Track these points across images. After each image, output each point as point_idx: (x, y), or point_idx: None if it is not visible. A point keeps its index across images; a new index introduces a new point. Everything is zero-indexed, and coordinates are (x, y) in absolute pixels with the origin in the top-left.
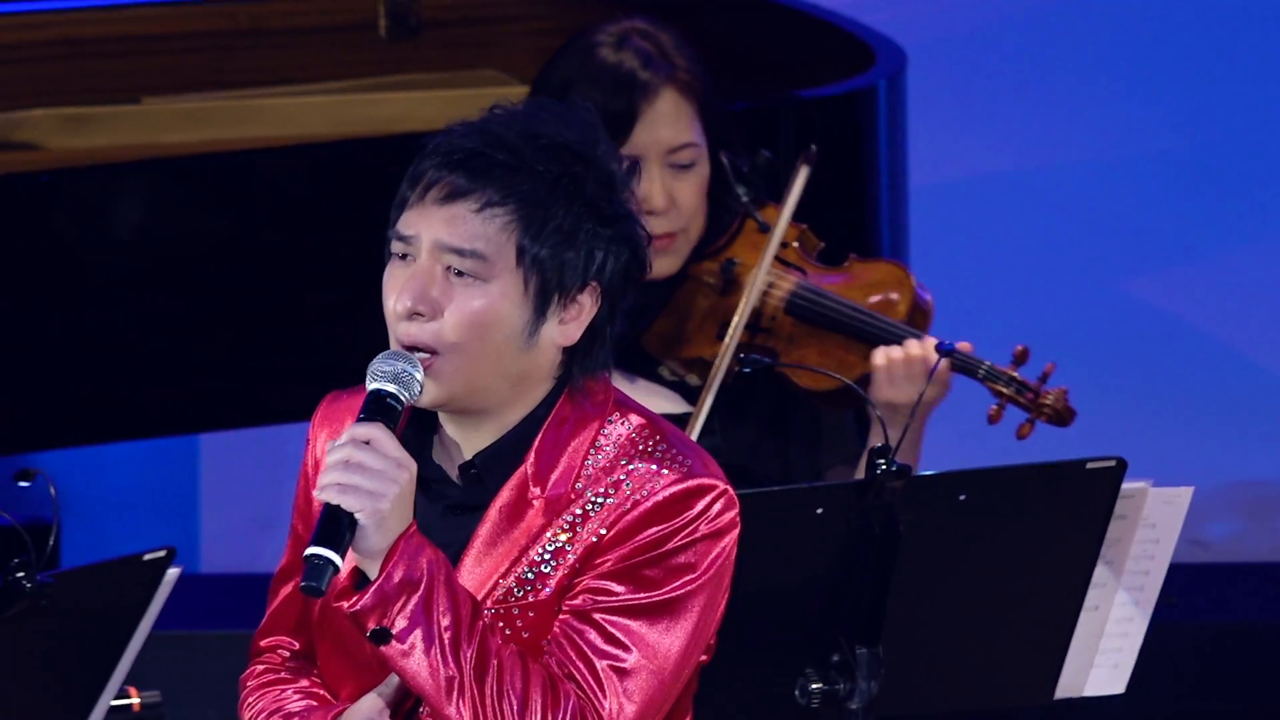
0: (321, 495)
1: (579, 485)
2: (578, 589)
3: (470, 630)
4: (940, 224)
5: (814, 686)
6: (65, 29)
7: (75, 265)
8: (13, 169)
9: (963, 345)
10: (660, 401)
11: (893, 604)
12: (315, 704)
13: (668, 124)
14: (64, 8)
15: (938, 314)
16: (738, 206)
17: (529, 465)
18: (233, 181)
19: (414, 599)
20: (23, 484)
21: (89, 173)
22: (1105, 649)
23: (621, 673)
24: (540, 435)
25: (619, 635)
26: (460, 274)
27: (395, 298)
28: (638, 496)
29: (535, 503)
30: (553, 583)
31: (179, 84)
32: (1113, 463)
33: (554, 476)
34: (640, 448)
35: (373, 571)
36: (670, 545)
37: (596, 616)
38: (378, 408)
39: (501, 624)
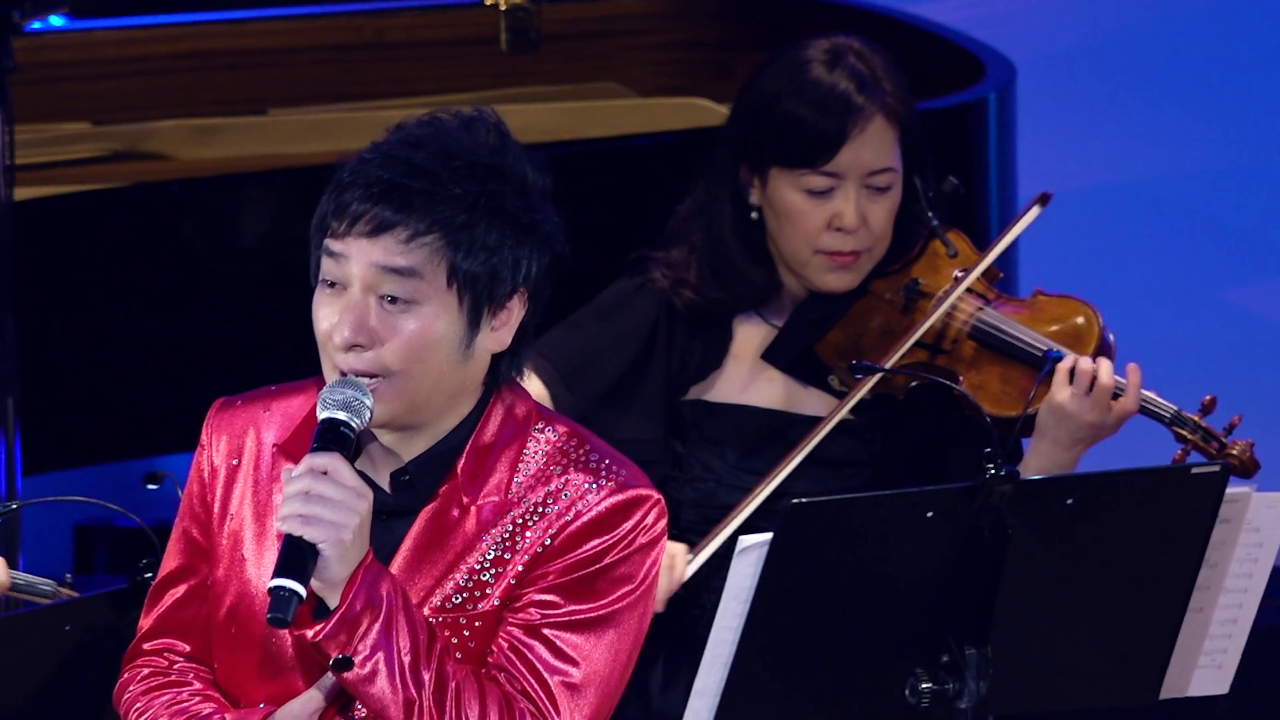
0: (284, 526)
1: (512, 494)
2: (523, 601)
3: (428, 654)
4: (1048, 233)
5: (924, 686)
6: (195, 42)
7: (202, 271)
8: (143, 178)
9: (1146, 393)
10: (825, 411)
11: (1001, 605)
12: (217, 707)
13: (871, 148)
14: (194, 21)
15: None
16: (924, 230)
17: (459, 473)
18: None
19: (375, 626)
20: (151, 486)
21: (216, 182)
22: (1209, 650)
23: (572, 688)
24: (470, 444)
25: (567, 650)
26: (394, 300)
27: (332, 329)
28: (579, 508)
29: (469, 510)
30: (496, 592)
31: (304, 96)
32: (1217, 468)
33: (487, 485)
34: (572, 456)
35: (333, 600)
36: (610, 558)
37: (545, 632)
38: (332, 436)
39: (448, 633)
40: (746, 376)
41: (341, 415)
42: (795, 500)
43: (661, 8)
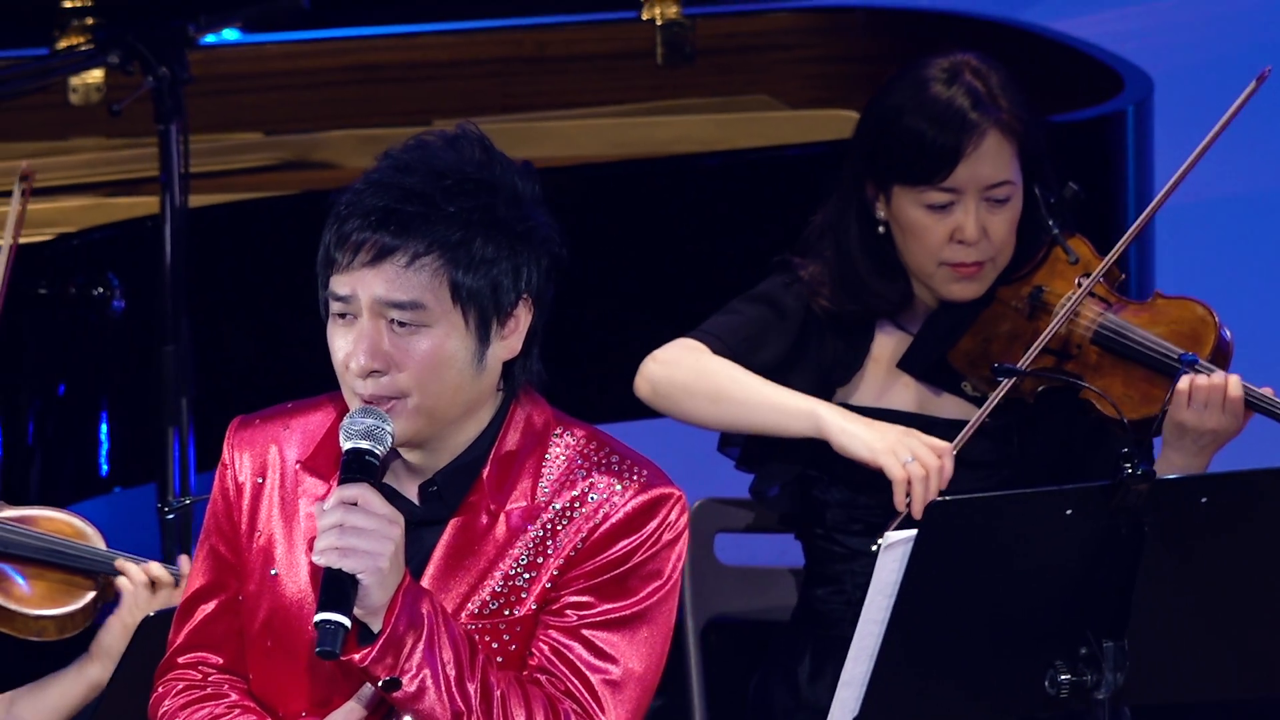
0: (321, 560)
1: (539, 499)
2: (559, 605)
3: (471, 666)
4: (1186, 243)
5: (1063, 677)
6: (362, 55)
7: None
8: (313, 186)
9: (1265, 390)
10: (962, 414)
11: (1137, 600)
12: (256, 719)
13: (988, 163)
14: (361, 36)
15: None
16: (1046, 237)
17: (485, 481)
18: None
19: (419, 645)
20: None
21: None
22: None
23: (613, 684)
24: (493, 453)
25: (605, 649)
26: (404, 324)
27: (350, 358)
28: (605, 510)
29: (497, 517)
30: (531, 596)
31: (467, 107)
32: None
33: (513, 492)
34: (594, 460)
35: (375, 624)
36: (639, 557)
37: (583, 632)
38: (358, 466)
39: (488, 638)
40: (885, 381)
41: (365, 444)
42: (938, 499)
43: (812, 23)
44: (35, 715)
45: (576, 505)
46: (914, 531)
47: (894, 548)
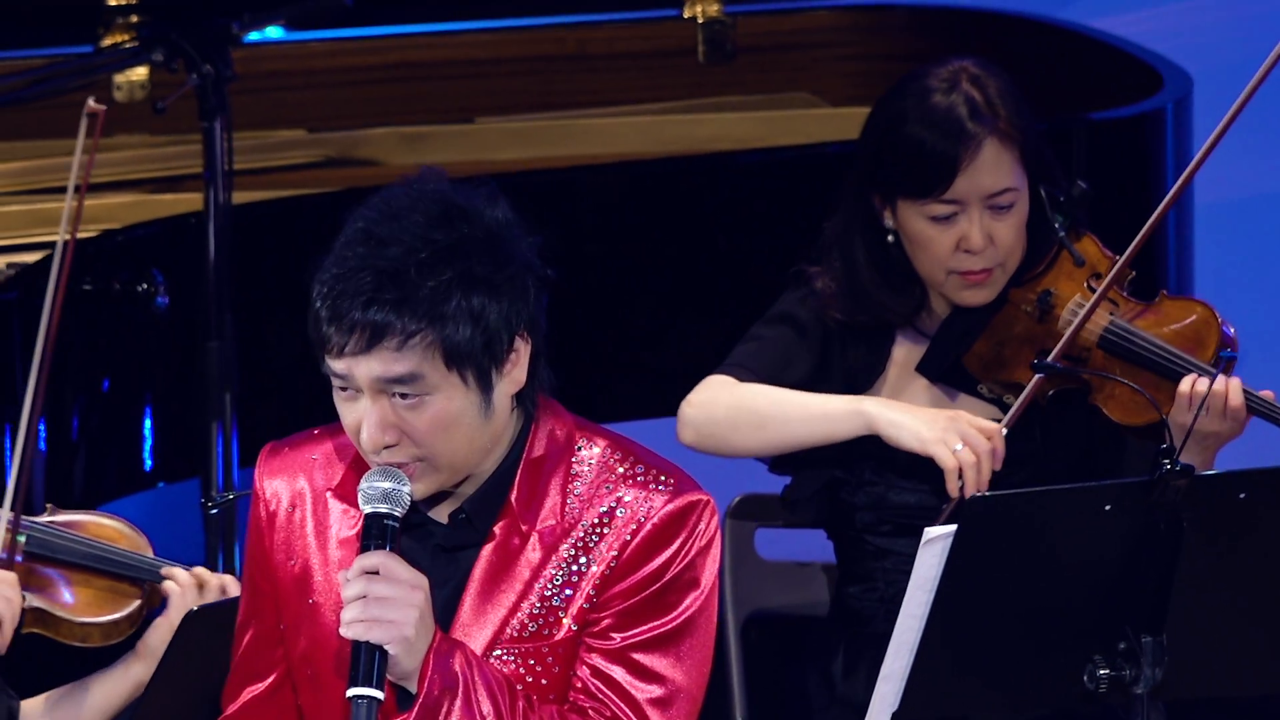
0: (347, 633)
1: (568, 516)
2: (599, 628)
3: (511, 712)
4: (1224, 241)
5: (1101, 672)
6: (404, 53)
7: None
8: (355, 183)
9: (1265, 393)
10: (982, 414)
11: (1176, 595)
12: None
13: (988, 172)
14: (404, 34)
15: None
16: (1054, 237)
17: (514, 504)
18: (559, 197)
19: (456, 703)
20: None
21: None
22: None
23: (661, 703)
24: (519, 474)
25: (651, 668)
26: (406, 396)
27: (363, 436)
28: (637, 521)
29: (529, 537)
30: (569, 617)
31: (509, 105)
32: None
33: (542, 511)
34: (619, 473)
35: (411, 686)
36: (675, 569)
37: (628, 655)
38: (377, 531)
39: (532, 661)
40: (910, 386)
41: (383, 508)
42: (978, 494)
43: (852, 21)
44: (77, 714)
45: (606, 520)
46: (954, 527)
47: (933, 543)
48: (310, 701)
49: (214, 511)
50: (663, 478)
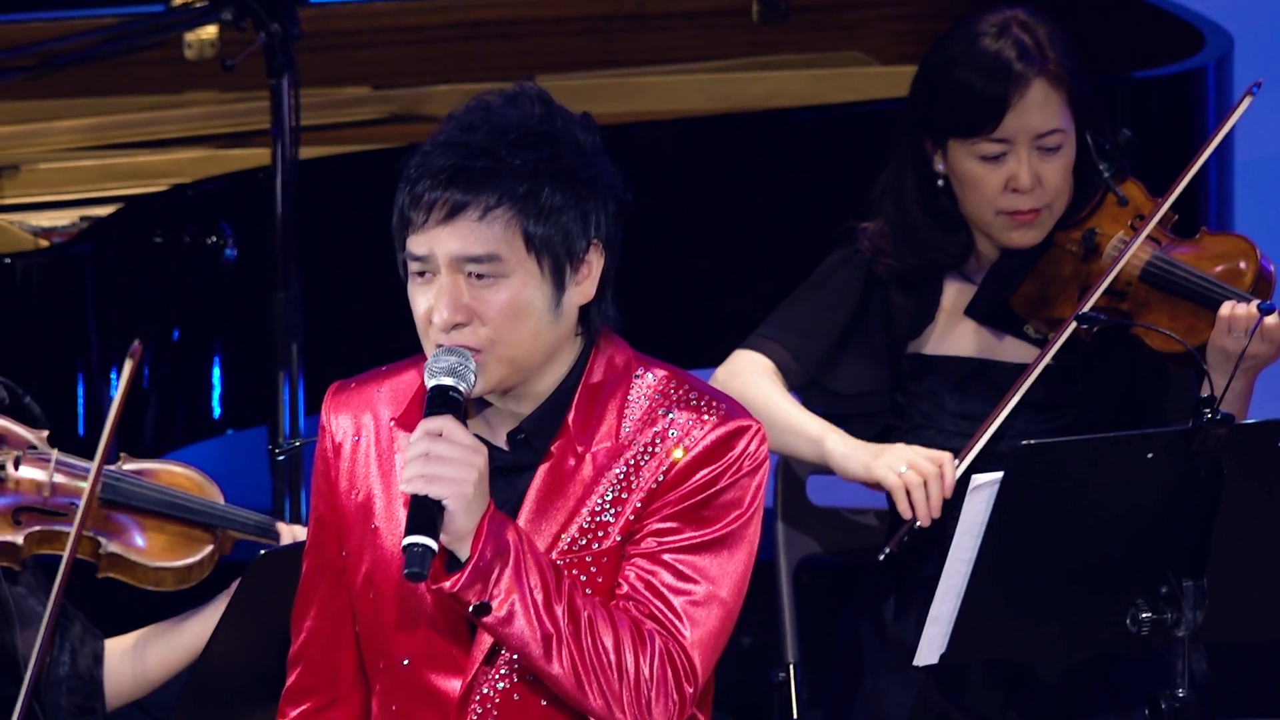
0: (408, 488)
1: (623, 438)
2: (642, 534)
3: (558, 590)
4: (1264, 197)
5: (1144, 616)
6: (467, 12)
7: None
8: (419, 140)
9: None
10: (1026, 357)
11: (1216, 540)
12: None
13: (1036, 112)
14: None
15: None
16: (1099, 181)
17: (571, 425)
18: (618, 153)
19: (506, 570)
20: None
21: None
22: None
23: (695, 604)
24: (577, 396)
25: (687, 572)
26: (481, 277)
27: (432, 313)
28: (687, 443)
29: (584, 458)
30: (617, 529)
31: (569, 63)
32: None
33: (598, 433)
34: (674, 397)
35: (463, 551)
36: (720, 485)
37: (665, 557)
38: (442, 401)
39: (576, 571)
40: (957, 330)
41: (449, 381)
42: (1025, 442)
43: None
44: (169, 653)
45: (658, 440)
46: (1000, 474)
47: (981, 489)
48: (370, 626)
49: (281, 458)
50: (715, 403)
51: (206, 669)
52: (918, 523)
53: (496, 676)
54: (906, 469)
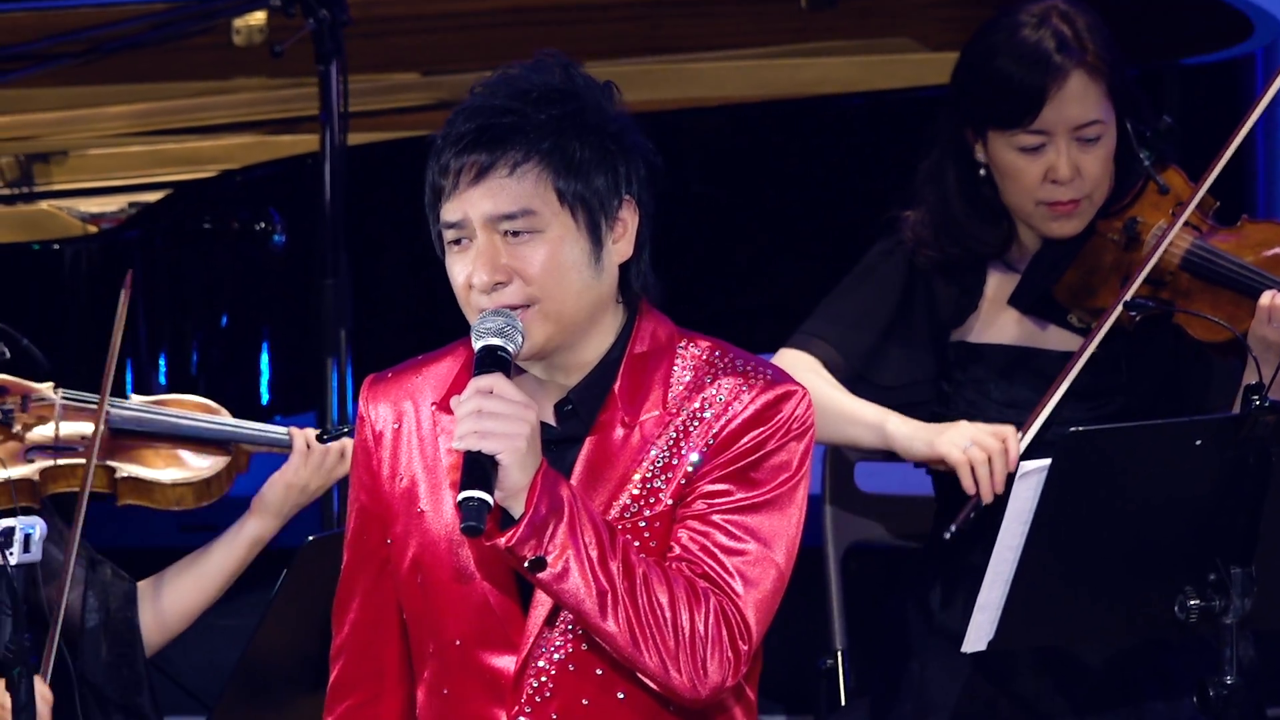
0: (461, 445)
1: (670, 407)
2: (692, 496)
3: (612, 546)
4: None
5: (1192, 603)
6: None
7: None
8: None
9: None
10: (1070, 345)
11: (1265, 527)
12: None
13: (1075, 104)
14: None
15: None
16: (1140, 170)
17: (618, 395)
18: (666, 138)
19: (561, 525)
20: None
21: None
22: None
23: (748, 563)
24: (623, 366)
25: (739, 532)
26: (517, 234)
27: (471, 276)
28: (735, 408)
29: (632, 428)
30: (668, 493)
31: (616, 49)
32: None
33: (645, 403)
34: (719, 365)
35: (517, 508)
36: (769, 447)
37: (716, 518)
38: (491, 360)
39: (630, 537)
40: (1001, 318)
41: (497, 341)
42: (1074, 429)
43: None
44: (200, 580)
45: (706, 406)
46: (1048, 461)
47: (1029, 476)
48: (419, 610)
49: (328, 443)
50: (761, 369)
51: (253, 655)
52: (982, 500)
53: (551, 650)
54: (970, 445)
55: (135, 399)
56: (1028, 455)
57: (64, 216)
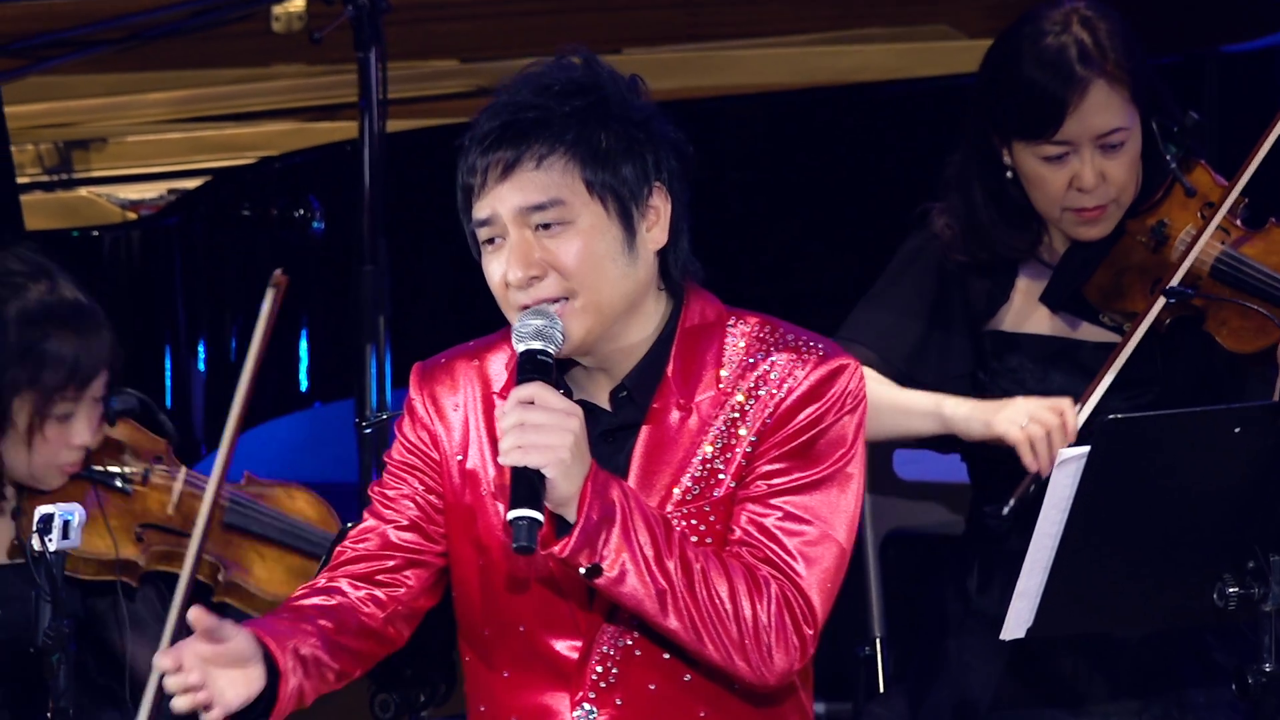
0: (505, 460)
1: (724, 386)
2: (752, 477)
3: (668, 544)
4: None
5: (1231, 590)
6: None
7: None
8: None
9: None
10: (1106, 337)
11: None
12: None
13: (1097, 113)
14: None
15: None
16: (1167, 168)
17: (671, 379)
18: (704, 126)
19: (614, 530)
20: None
21: None
22: None
23: (809, 544)
24: (674, 348)
25: (798, 513)
26: (548, 226)
27: (505, 273)
28: (789, 384)
29: (688, 410)
30: (729, 474)
31: (656, 37)
32: None
33: (699, 384)
34: (770, 341)
35: (570, 515)
36: (825, 423)
37: (775, 500)
38: (532, 366)
39: (694, 521)
40: (1028, 312)
41: (537, 344)
42: (1112, 416)
43: None
44: None
45: (760, 384)
46: (1086, 448)
47: (1067, 464)
48: (478, 595)
49: (368, 431)
50: (813, 343)
51: None
52: (1041, 474)
53: (616, 636)
54: (1029, 421)
55: (250, 487)
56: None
57: (103, 203)
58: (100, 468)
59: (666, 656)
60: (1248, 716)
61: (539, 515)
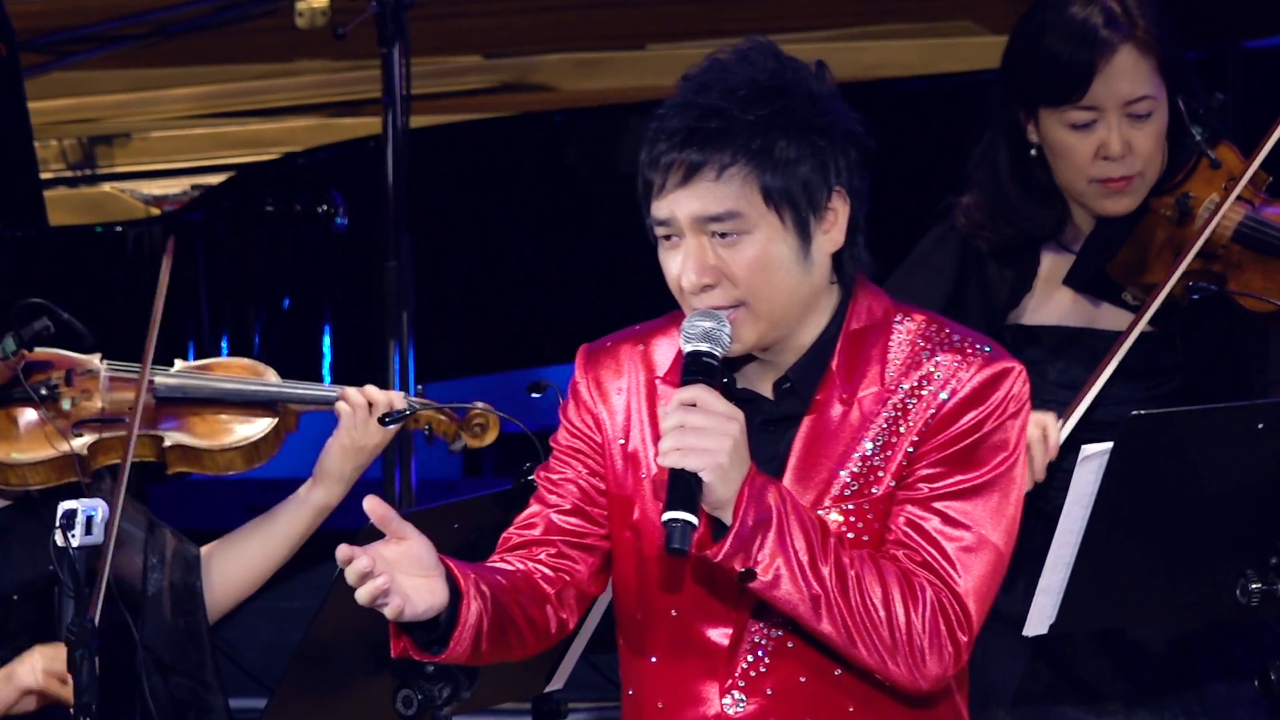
0: (664, 461)
1: (888, 383)
2: (912, 479)
3: (823, 549)
4: None
5: (1254, 586)
6: None
7: (583, 195)
8: (530, 108)
9: None
10: (1124, 324)
11: None
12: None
13: (1125, 79)
14: None
15: None
16: (1193, 146)
17: (836, 372)
18: None
19: (769, 535)
20: (534, 395)
21: (598, 112)
22: None
23: (968, 550)
24: (840, 343)
25: (958, 517)
26: (725, 235)
27: (682, 278)
28: (953, 385)
29: (850, 404)
30: (889, 473)
31: (680, 32)
32: None
33: (863, 380)
34: (936, 340)
35: (726, 518)
36: (987, 428)
37: (935, 504)
38: (696, 368)
39: (853, 518)
40: (1055, 299)
41: (703, 346)
42: (1136, 412)
43: None
44: (266, 546)
45: (924, 383)
46: (1109, 444)
47: (1090, 460)
48: (634, 578)
49: (389, 425)
50: (979, 344)
51: (314, 638)
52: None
53: (768, 627)
54: None
55: (179, 364)
56: (1078, 438)
57: (127, 199)
58: (23, 387)
59: (819, 651)
60: (1270, 713)
61: (694, 519)
